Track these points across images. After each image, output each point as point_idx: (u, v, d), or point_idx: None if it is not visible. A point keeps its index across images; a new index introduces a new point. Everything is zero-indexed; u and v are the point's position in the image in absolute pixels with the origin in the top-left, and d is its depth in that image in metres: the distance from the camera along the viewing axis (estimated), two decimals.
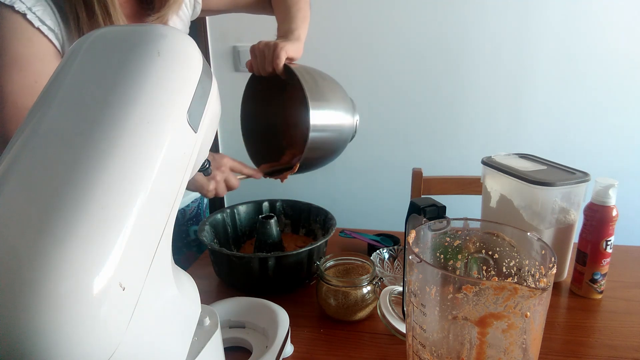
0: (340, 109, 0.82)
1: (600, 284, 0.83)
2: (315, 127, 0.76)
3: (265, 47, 0.81)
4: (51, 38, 0.72)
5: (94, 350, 0.32)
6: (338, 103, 0.82)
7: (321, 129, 0.78)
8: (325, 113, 0.78)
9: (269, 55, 0.80)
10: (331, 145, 0.83)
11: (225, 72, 1.97)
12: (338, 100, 0.82)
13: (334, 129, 0.81)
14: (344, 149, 0.87)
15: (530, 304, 0.46)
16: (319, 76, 0.82)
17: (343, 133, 0.83)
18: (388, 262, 0.94)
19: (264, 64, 0.81)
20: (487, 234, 0.60)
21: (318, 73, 0.83)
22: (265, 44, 0.81)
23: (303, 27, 0.91)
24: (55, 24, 0.73)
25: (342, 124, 0.82)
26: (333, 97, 0.81)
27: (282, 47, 0.79)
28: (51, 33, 0.72)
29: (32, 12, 0.70)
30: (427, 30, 1.79)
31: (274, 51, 0.79)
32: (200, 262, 1.01)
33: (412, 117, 1.90)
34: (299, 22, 0.91)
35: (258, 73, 0.84)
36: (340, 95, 0.83)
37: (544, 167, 0.89)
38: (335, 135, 0.82)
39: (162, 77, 0.40)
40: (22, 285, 0.30)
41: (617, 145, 1.82)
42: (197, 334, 0.50)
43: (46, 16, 0.72)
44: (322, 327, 0.76)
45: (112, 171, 0.34)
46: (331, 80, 0.85)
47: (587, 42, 1.73)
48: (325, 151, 0.83)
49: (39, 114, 0.38)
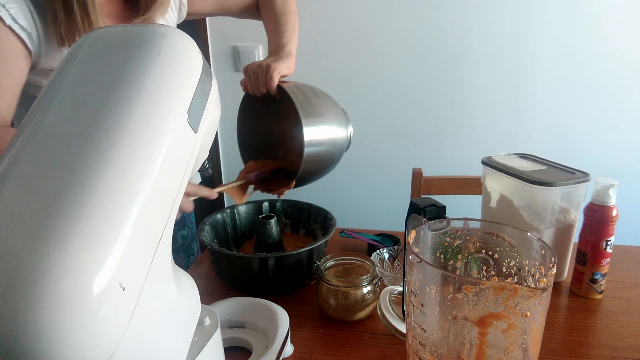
0: (333, 123, 0.84)
1: (600, 284, 0.83)
2: (310, 143, 0.78)
3: (259, 69, 0.82)
4: (23, 37, 0.71)
5: (94, 350, 0.32)
6: (331, 118, 0.84)
7: (316, 144, 0.80)
8: (318, 129, 0.81)
9: (262, 77, 0.81)
10: (327, 158, 0.85)
11: (225, 72, 1.97)
12: (331, 115, 0.84)
13: (329, 143, 0.84)
14: (340, 160, 0.89)
15: (530, 304, 0.46)
16: (312, 93, 0.84)
17: (337, 146, 0.86)
18: (388, 262, 0.94)
19: (258, 85, 0.83)
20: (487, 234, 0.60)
21: (311, 90, 0.85)
22: (258, 65, 0.82)
23: (293, 41, 0.93)
24: (31, 24, 0.71)
25: (336, 137, 0.85)
26: (326, 113, 0.83)
27: (274, 68, 0.81)
28: (23, 33, 0.71)
29: (5, 9, 0.68)
30: (427, 30, 1.79)
31: (266, 73, 0.81)
32: (200, 262, 1.01)
33: (412, 117, 1.90)
34: (289, 36, 0.93)
35: (252, 93, 0.86)
36: (333, 110, 0.86)
37: (544, 167, 0.89)
38: (329, 149, 0.84)
39: (162, 77, 0.40)
40: (22, 285, 0.30)
41: (617, 145, 1.82)
42: (197, 334, 0.50)
43: (20, 15, 0.70)
44: (322, 327, 0.76)
45: (112, 171, 0.34)
46: (323, 95, 0.87)
47: (587, 42, 1.73)
48: (321, 165, 0.86)
49: (39, 114, 0.38)
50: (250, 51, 1.90)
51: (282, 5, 0.98)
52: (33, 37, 0.72)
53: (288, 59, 0.86)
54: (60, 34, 0.73)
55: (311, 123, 0.79)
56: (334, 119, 0.84)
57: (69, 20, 0.72)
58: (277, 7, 0.98)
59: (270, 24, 0.97)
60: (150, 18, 0.84)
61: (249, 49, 1.90)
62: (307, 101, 0.80)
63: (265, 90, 0.83)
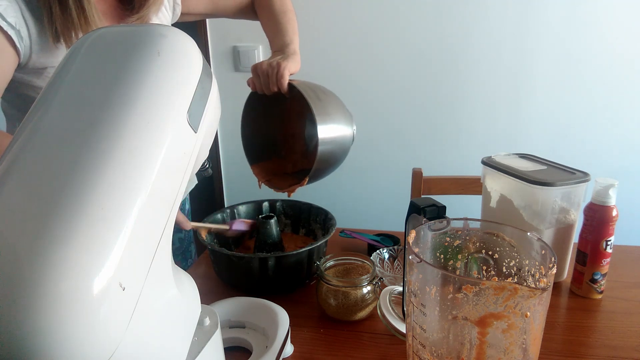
0: (342, 121, 0.85)
1: (600, 284, 0.83)
2: (323, 141, 0.80)
3: (269, 68, 0.82)
4: (11, 35, 0.70)
5: (94, 350, 0.32)
6: (340, 116, 0.85)
7: (328, 142, 0.81)
8: (330, 127, 0.82)
9: (272, 75, 0.82)
10: (336, 156, 0.86)
11: (225, 72, 1.97)
12: (340, 114, 0.86)
13: (339, 141, 0.85)
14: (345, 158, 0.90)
15: (530, 304, 0.46)
16: (321, 91, 0.85)
17: (345, 144, 0.87)
18: (388, 262, 0.94)
19: (268, 84, 0.83)
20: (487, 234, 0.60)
21: (319, 88, 0.86)
22: (268, 64, 0.83)
23: (296, 39, 0.93)
24: (20, 22, 0.71)
25: (344, 135, 0.86)
26: (335, 111, 0.85)
27: (284, 66, 0.81)
28: (12, 30, 0.70)
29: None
30: (427, 30, 1.79)
31: (277, 72, 0.81)
32: (200, 262, 1.01)
33: (412, 117, 1.90)
34: (292, 35, 0.94)
35: (261, 92, 0.86)
36: (341, 108, 0.87)
37: (544, 167, 0.89)
38: (339, 147, 0.86)
39: (162, 77, 0.40)
40: (22, 285, 0.30)
41: (617, 145, 1.82)
42: (197, 334, 0.50)
43: (9, 12, 0.69)
44: (322, 327, 0.76)
45: (112, 171, 0.34)
46: (331, 94, 0.88)
47: (587, 43, 1.73)
48: (331, 162, 0.87)
49: (39, 113, 0.38)
50: (250, 51, 1.90)
51: (280, 5, 0.99)
52: (22, 35, 0.72)
53: (295, 57, 0.87)
54: (56, 31, 0.73)
55: (324, 121, 0.80)
56: (342, 117, 0.86)
57: (64, 16, 0.72)
58: (275, 7, 0.99)
59: (270, 24, 0.98)
60: (144, 16, 0.84)
61: (249, 49, 1.90)
62: (318, 99, 0.81)
63: (276, 88, 0.83)
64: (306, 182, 0.85)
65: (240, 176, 2.09)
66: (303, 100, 0.79)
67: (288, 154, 0.98)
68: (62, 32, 0.73)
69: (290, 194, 0.89)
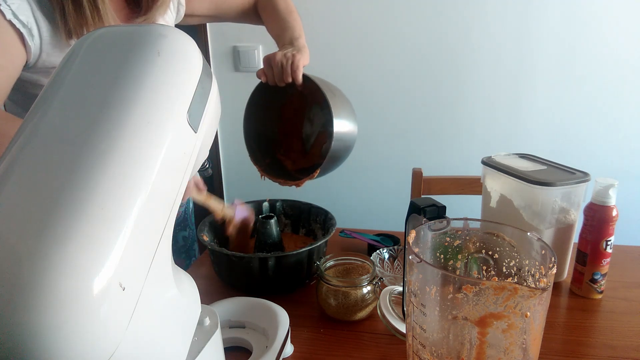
0: (351, 118, 0.87)
1: (600, 284, 0.83)
2: (337, 135, 0.81)
3: (284, 59, 0.83)
4: (23, 33, 0.70)
5: (94, 350, 0.32)
6: (350, 113, 0.87)
7: (339, 138, 0.82)
8: (342, 122, 0.83)
9: (287, 67, 0.82)
10: (345, 151, 0.88)
11: (225, 72, 1.97)
12: (350, 110, 0.87)
13: (349, 136, 0.86)
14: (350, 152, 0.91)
15: (530, 304, 0.46)
16: (332, 87, 0.86)
17: (353, 140, 0.88)
18: (388, 262, 0.94)
19: (282, 75, 0.83)
20: (487, 234, 0.60)
21: (330, 84, 0.87)
22: (282, 54, 0.83)
23: (303, 36, 0.95)
24: (31, 20, 0.71)
25: (354, 131, 0.87)
26: (346, 107, 0.86)
27: (299, 58, 0.82)
28: (24, 28, 0.70)
29: (7, 4, 0.68)
30: (427, 30, 1.79)
31: (292, 63, 0.82)
32: (200, 262, 1.01)
33: (412, 117, 1.90)
34: (299, 31, 0.95)
35: (273, 83, 0.86)
36: (349, 105, 0.88)
37: (544, 167, 0.89)
38: (349, 142, 0.87)
39: (162, 77, 0.40)
40: (22, 285, 0.30)
41: (617, 145, 1.82)
42: (197, 334, 0.50)
43: (21, 11, 0.70)
44: (322, 327, 0.76)
45: (112, 171, 0.34)
46: (339, 90, 0.89)
47: (587, 43, 1.73)
48: (341, 157, 0.88)
49: (39, 113, 0.38)
50: (250, 51, 1.90)
51: (284, 6, 1.01)
52: (33, 34, 0.72)
53: (305, 50, 0.88)
54: (69, 28, 0.73)
55: (339, 115, 0.81)
56: (351, 113, 0.87)
57: (77, 14, 0.72)
58: (280, 7, 1.00)
59: (277, 23, 0.99)
60: (151, 18, 0.84)
61: (249, 49, 1.90)
62: (332, 94, 0.82)
63: (290, 79, 0.83)
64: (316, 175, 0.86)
65: (240, 176, 2.10)
66: (319, 92, 0.80)
67: (287, 151, 0.98)
68: (75, 30, 0.74)
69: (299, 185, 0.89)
